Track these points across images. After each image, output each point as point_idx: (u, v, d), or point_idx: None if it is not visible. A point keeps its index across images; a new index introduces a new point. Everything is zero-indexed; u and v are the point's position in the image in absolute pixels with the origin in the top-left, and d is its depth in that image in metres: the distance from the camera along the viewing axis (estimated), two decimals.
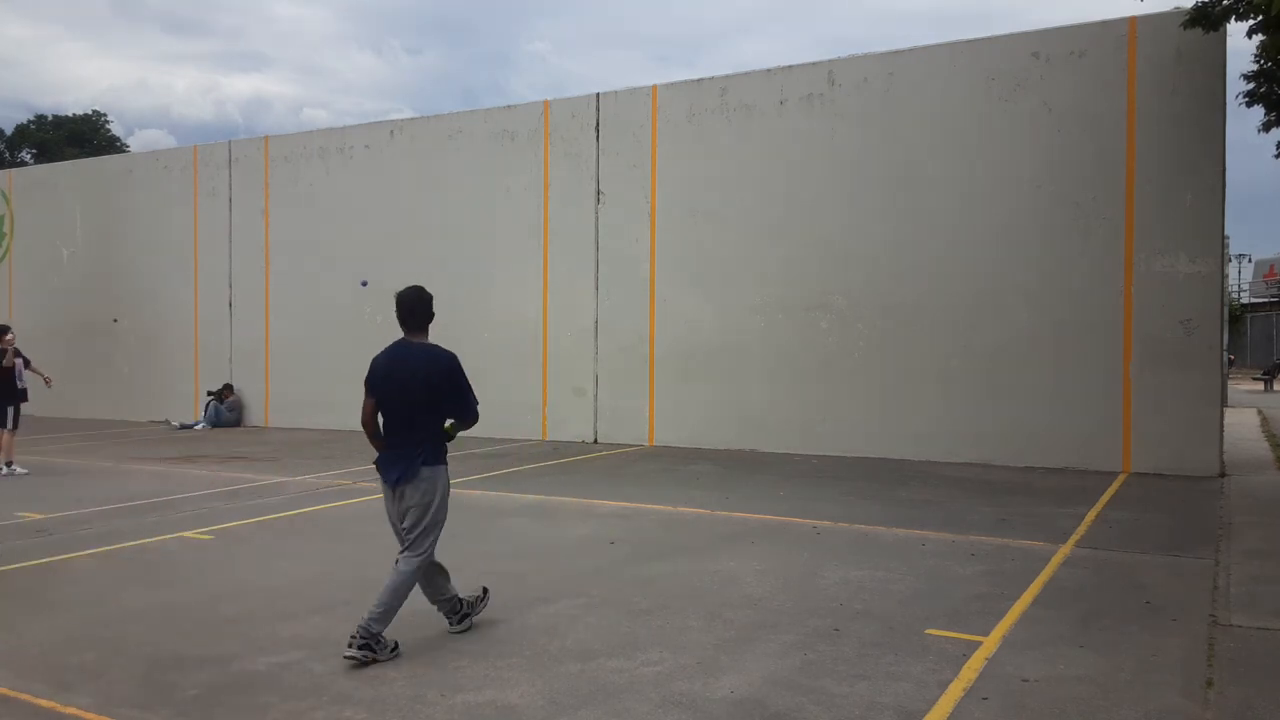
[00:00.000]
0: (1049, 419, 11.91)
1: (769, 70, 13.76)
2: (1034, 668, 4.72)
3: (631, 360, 14.61)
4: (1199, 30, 10.40)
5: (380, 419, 5.17)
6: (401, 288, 5.26)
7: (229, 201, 18.44)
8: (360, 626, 4.82)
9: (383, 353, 5.20)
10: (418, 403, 5.04)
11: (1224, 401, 13.57)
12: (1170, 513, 8.91)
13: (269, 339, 18.04)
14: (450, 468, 5.27)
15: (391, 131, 16.82)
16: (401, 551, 5.09)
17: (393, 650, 4.91)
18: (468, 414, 5.16)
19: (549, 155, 15.31)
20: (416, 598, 5.18)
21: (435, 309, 5.29)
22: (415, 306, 5.18)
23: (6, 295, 21.39)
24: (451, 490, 5.36)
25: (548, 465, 12.31)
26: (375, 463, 5.17)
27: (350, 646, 4.78)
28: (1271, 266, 59.24)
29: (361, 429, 5.22)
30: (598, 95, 14.96)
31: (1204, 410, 11.23)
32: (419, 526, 5.07)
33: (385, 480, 5.10)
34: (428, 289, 5.27)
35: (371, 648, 4.79)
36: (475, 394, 5.19)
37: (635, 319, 14.62)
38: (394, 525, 5.18)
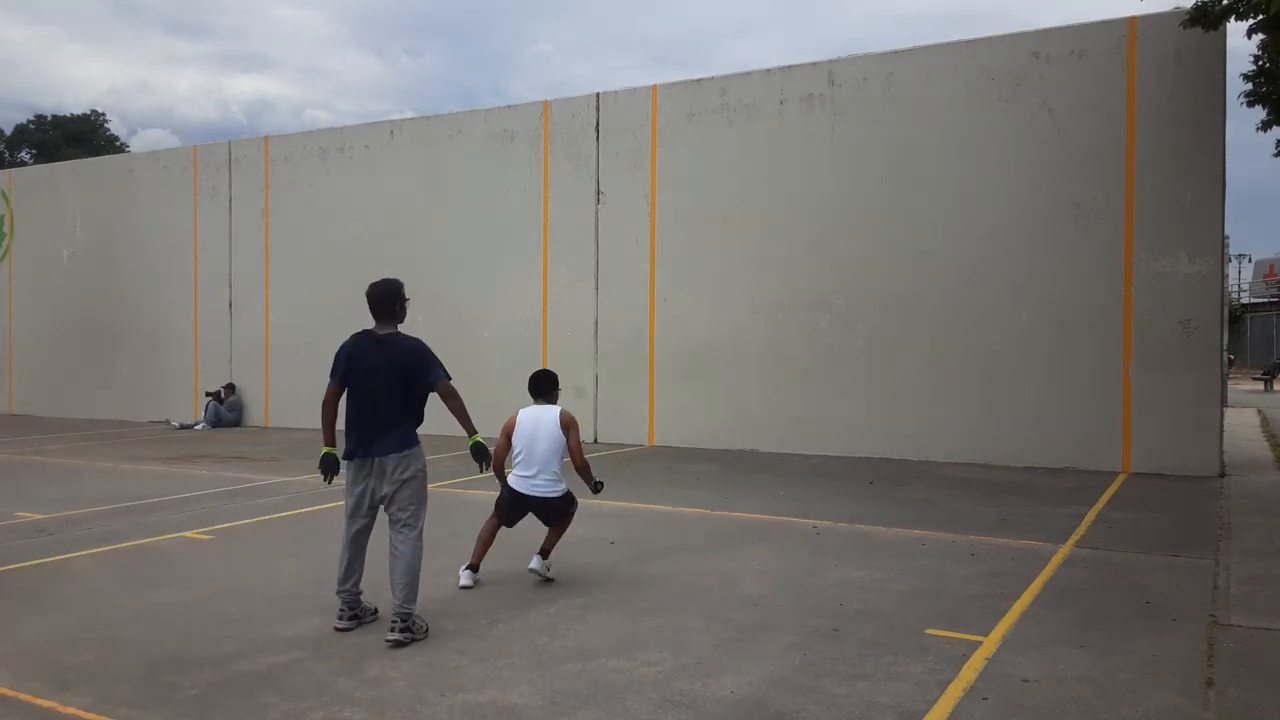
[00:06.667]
0: (1049, 419, 11.91)
1: (769, 70, 13.77)
2: (1034, 668, 4.72)
3: (631, 360, 14.61)
4: (1199, 30, 10.41)
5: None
6: (401, 287, 5.40)
7: (229, 201, 18.45)
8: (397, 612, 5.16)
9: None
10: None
11: (1224, 401, 13.57)
12: (1170, 513, 8.91)
13: (269, 339, 18.04)
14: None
15: (392, 131, 16.82)
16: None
17: (425, 630, 5.23)
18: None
19: (549, 155, 15.31)
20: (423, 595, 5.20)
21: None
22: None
23: (6, 295, 21.40)
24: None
25: None
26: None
27: (392, 631, 5.10)
28: (1271, 266, 59.29)
29: None
30: (598, 95, 14.96)
31: (1204, 410, 11.23)
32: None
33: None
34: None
35: (410, 629, 5.11)
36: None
37: (635, 319, 14.62)
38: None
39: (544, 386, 6.64)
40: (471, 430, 5.36)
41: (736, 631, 5.31)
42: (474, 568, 6.37)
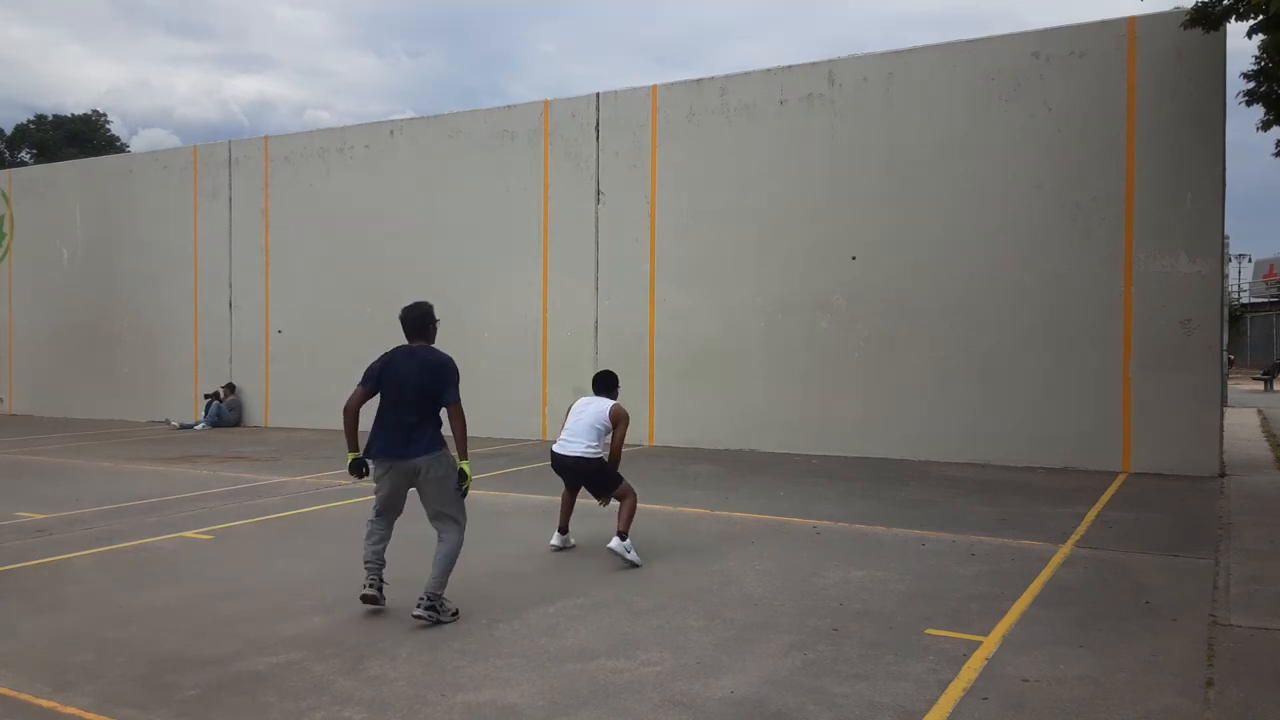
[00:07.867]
0: (1048, 419, 11.91)
1: (769, 70, 13.76)
2: (1034, 668, 4.72)
3: (631, 360, 14.60)
4: (1199, 30, 10.41)
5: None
6: (405, 292, 5.73)
7: (229, 201, 18.44)
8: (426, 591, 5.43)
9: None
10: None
11: (1224, 401, 13.57)
12: (1170, 513, 8.91)
13: (269, 339, 18.03)
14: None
15: (392, 131, 16.82)
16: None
17: (453, 614, 5.49)
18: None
19: (549, 155, 15.31)
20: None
21: (436, 309, 5.90)
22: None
23: (6, 295, 21.40)
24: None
25: (548, 465, 12.28)
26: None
27: (418, 607, 5.37)
28: (1271, 266, 59.31)
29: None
30: (598, 95, 14.96)
31: (1204, 410, 11.23)
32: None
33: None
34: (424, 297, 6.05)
35: (435, 609, 5.38)
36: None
37: (635, 319, 14.62)
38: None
39: (600, 383, 7.48)
40: (464, 454, 5.65)
41: (736, 631, 5.31)
42: (562, 529, 7.36)
